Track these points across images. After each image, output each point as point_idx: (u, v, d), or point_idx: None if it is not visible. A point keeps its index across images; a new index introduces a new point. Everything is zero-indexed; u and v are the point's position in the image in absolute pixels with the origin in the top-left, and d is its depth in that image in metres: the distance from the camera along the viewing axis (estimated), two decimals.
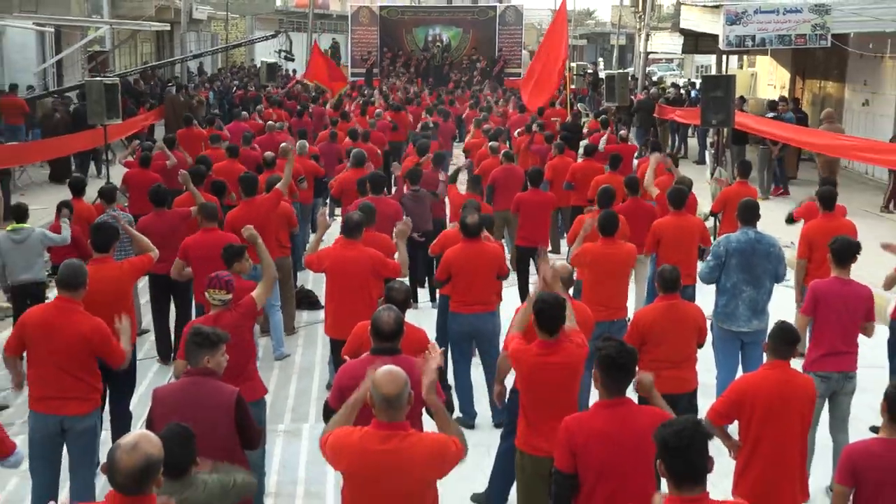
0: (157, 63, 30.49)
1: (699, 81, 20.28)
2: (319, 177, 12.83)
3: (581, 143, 14.95)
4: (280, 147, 11.66)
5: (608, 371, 4.27)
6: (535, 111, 18.47)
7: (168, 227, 8.84)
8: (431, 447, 3.99)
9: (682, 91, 25.56)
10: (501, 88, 30.53)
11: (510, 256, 10.49)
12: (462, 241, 7.70)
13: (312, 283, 11.28)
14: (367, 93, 26.05)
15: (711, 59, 24.09)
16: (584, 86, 29.72)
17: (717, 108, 13.53)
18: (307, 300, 10.86)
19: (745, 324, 7.28)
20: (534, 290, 5.67)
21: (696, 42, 23.60)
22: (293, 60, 31.46)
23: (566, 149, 13.49)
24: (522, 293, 10.10)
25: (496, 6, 38.57)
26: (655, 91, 25.40)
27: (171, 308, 9.20)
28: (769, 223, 9.58)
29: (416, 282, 10.43)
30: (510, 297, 8.89)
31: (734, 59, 25.75)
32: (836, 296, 6.36)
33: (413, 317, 6.13)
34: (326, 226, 7.93)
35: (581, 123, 18.98)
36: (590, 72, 33.82)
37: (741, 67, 28.49)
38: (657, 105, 21.77)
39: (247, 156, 12.82)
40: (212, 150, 13.49)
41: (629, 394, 4.41)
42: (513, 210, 10.55)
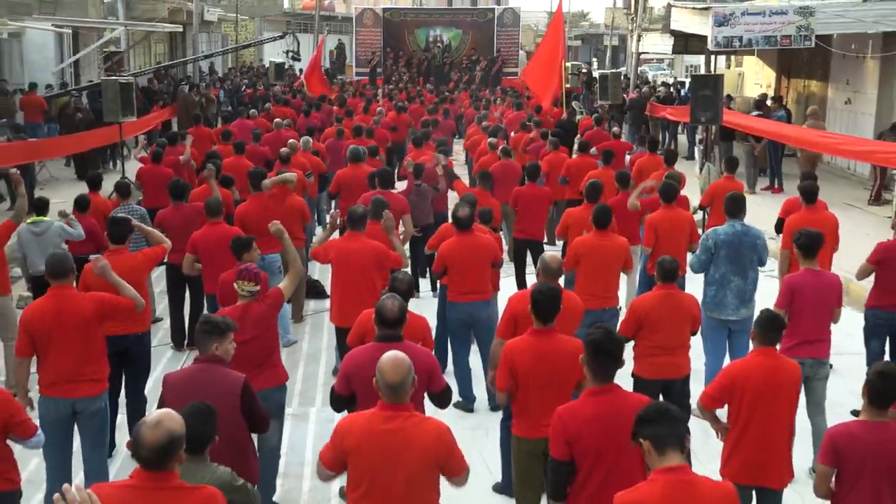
0: (170, 63, 30.43)
1: (689, 81, 20.23)
2: (322, 172, 12.86)
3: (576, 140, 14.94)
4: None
5: (595, 356, 4.27)
6: (534, 109, 18.44)
7: (185, 220, 8.84)
8: (433, 429, 4.05)
9: (673, 90, 25.49)
10: (499, 88, 30.48)
11: (507, 248, 10.50)
12: (455, 234, 7.72)
13: (319, 274, 11.29)
14: (371, 92, 26.06)
15: (700, 59, 24.07)
16: (579, 85, 29.67)
17: (706, 106, 13.54)
18: (314, 290, 10.86)
19: (734, 312, 7.31)
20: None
21: (686, 43, 23.57)
22: (299, 60, 31.41)
23: (560, 145, 13.47)
24: (519, 283, 10.10)
25: (494, 8, 38.57)
26: (647, 90, 25.32)
27: (186, 298, 9.21)
28: (755, 216, 9.60)
29: (418, 272, 10.45)
30: (508, 287, 8.89)
31: (722, 59, 25.69)
32: (809, 287, 6.42)
33: (415, 305, 6.15)
34: (337, 226, 7.96)
35: (576, 121, 18.95)
36: (584, 71, 33.72)
37: (729, 67, 28.42)
38: (649, 103, 21.72)
39: (254, 152, 12.84)
40: (223, 147, 13.49)
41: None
42: (511, 204, 10.53)
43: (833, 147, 14.33)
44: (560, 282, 5.92)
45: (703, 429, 6.87)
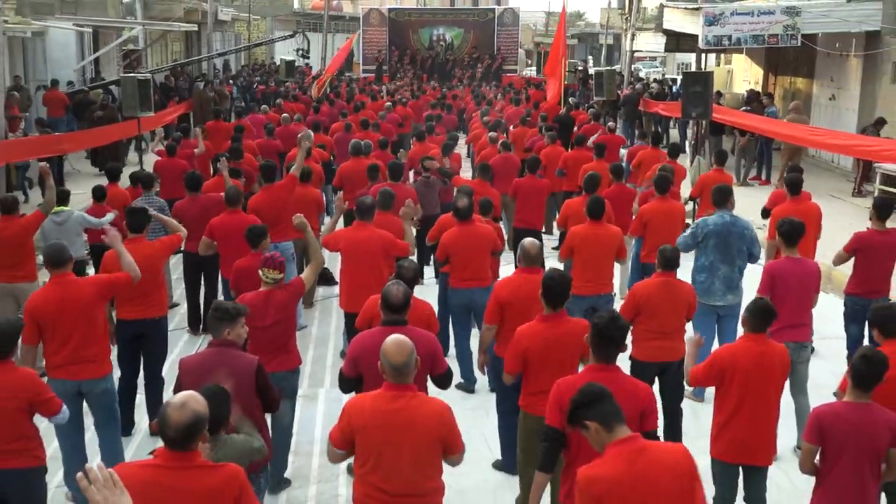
0: (186, 60, 30.37)
1: (680, 78, 20.18)
2: (325, 162, 12.86)
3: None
4: (298, 136, 11.70)
5: (599, 339, 4.28)
6: (532, 105, 18.40)
7: (201, 211, 8.82)
8: (436, 408, 4.07)
9: (665, 86, 25.38)
10: (496, 84, 30.45)
11: (507, 237, 10.47)
12: (456, 225, 7.72)
13: (328, 262, 11.24)
14: (376, 88, 26.07)
15: (691, 57, 23.92)
16: (575, 81, 29.56)
17: (697, 102, 13.50)
18: (323, 277, 10.84)
19: (721, 298, 7.30)
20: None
21: (678, 41, 23.47)
22: (309, 58, 31.36)
23: (557, 139, 13.44)
24: None
25: (495, 8, 38.50)
26: (640, 86, 25.20)
27: (202, 284, 9.20)
28: (744, 207, 9.57)
29: (423, 261, 10.44)
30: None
31: (712, 57, 25.64)
32: (791, 274, 6.39)
33: (419, 291, 6.17)
34: (343, 210, 7.94)
35: (573, 117, 18.88)
36: (580, 69, 33.59)
37: (718, 65, 28.33)
38: (642, 99, 21.65)
39: (267, 145, 12.83)
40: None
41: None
42: (511, 195, 10.51)
43: (819, 142, 14.29)
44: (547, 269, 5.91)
45: (692, 408, 6.92)
